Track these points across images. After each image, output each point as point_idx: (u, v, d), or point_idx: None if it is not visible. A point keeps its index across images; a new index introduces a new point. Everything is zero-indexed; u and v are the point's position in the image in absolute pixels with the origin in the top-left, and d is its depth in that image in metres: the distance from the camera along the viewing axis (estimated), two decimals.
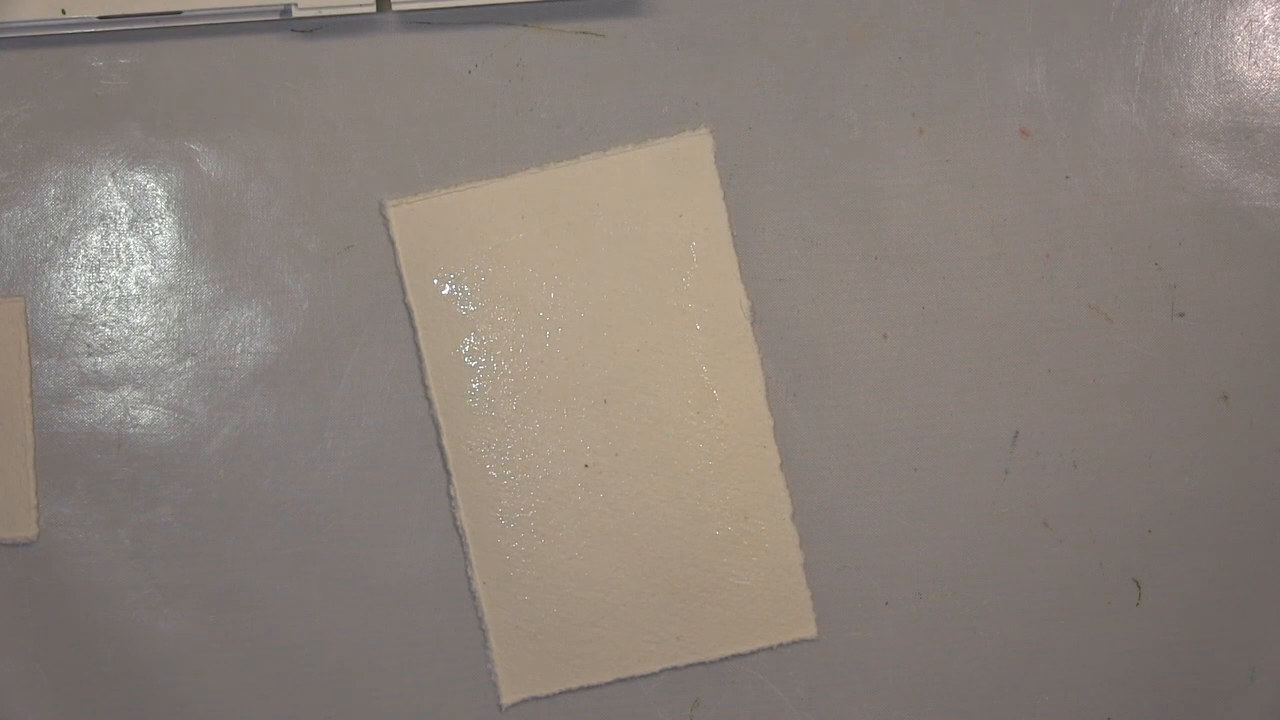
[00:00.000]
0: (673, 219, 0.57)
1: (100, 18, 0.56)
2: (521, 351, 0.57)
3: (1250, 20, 0.59)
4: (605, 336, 0.57)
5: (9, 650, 0.57)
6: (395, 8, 0.57)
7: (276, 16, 0.57)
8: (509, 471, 0.56)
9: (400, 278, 0.57)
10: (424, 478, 0.57)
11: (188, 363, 0.57)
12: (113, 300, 0.57)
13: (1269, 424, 0.58)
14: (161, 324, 0.57)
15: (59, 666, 0.57)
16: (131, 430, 0.57)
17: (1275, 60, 0.59)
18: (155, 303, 0.57)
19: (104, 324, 0.57)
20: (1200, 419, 0.57)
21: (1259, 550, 0.58)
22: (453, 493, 0.57)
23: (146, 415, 0.57)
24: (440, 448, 0.57)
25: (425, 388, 0.57)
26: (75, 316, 0.57)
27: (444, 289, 0.57)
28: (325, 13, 0.56)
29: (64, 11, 0.55)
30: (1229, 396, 0.58)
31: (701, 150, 0.57)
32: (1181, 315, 0.58)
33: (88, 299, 0.57)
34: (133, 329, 0.57)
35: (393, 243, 0.57)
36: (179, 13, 0.56)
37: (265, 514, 0.57)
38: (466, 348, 0.57)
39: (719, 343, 0.57)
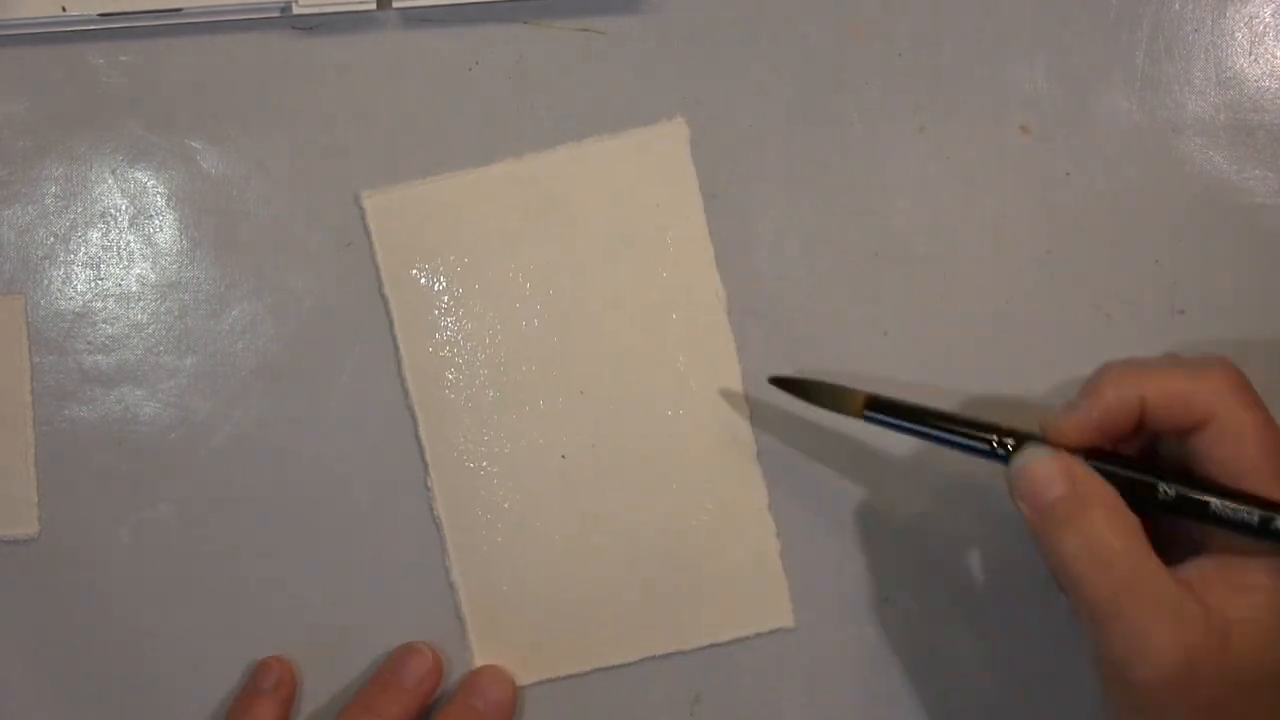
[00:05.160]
0: (649, 208, 0.57)
1: (101, 15, 0.56)
2: (498, 342, 0.57)
3: (1250, 17, 0.59)
4: (581, 327, 0.57)
5: (9, 648, 0.57)
6: (395, 5, 0.57)
7: (277, 14, 0.57)
8: (486, 463, 0.57)
9: (376, 269, 0.57)
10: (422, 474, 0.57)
11: (189, 360, 0.57)
12: (113, 297, 0.57)
13: None
14: (162, 321, 0.57)
15: (59, 664, 0.57)
16: (132, 427, 0.57)
17: (1276, 57, 0.59)
18: (156, 300, 0.57)
19: (105, 321, 0.57)
20: None
21: None
22: (430, 485, 0.57)
23: (147, 412, 0.57)
24: (417, 439, 0.57)
25: (402, 379, 0.57)
26: (76, 314, 0.57)
27: (421, 280, 0.57)
28: (325, 10, 0.56)
29: (64, 9, 0.55)
30: None
31: (677, 139, 0.57)
32: (1181, 313, 0.58)
33: (88, 296, 0.57)
34: (133, 326, 0.57)
35: (368, 234, 0.57)
36: (179, 10, 0.56)
37: (267, 511, 0.57)
38: (444, 339, 0.57)
39: (695, 333, 0.57)
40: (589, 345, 0.57)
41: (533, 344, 0.57)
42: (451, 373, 0.57)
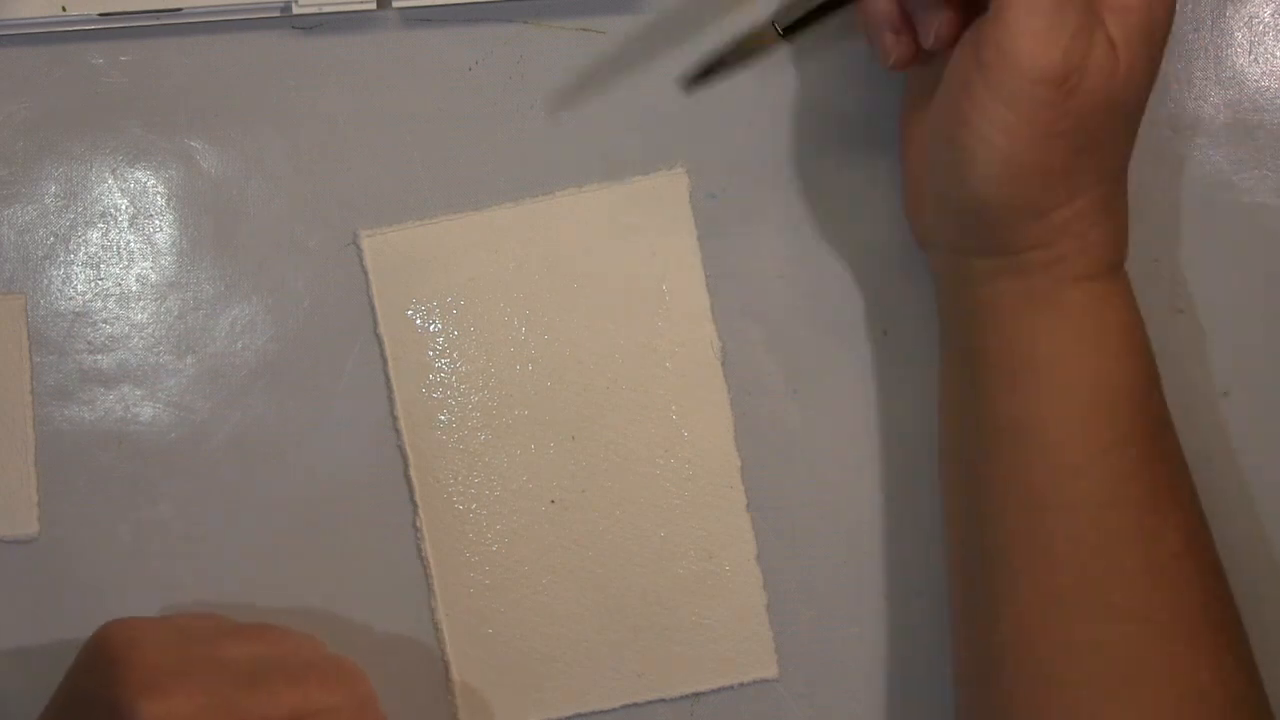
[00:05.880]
0: (646, 258, 0.57)
1: (101, 15, 0.56)
2: (491, 386, 0.57)
3: (1250, 17, 0.59)
4: (575, 373, 0.57)
5: (9, 648, 0.57)
6: (395, 5, 0.57)
7: (277, 14, 0.57)
8: (475, 505, 0.56)
9: (372, 308, 0.57)
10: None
11: (188, 360, 0.57)
12: (113, 297, 0.57)
13: (1270, 421, 0.58)
14: (162, 321, 0.57)
15: (60, 664, 0.57)
16: (132, 427, 0.57)
17: (1275, 57, 0.59)
18: (156, 300, 0.57)
19: (104, 321, 0.57)
20: (1200, 416, 0.57)
21: (1259, 547, 0.58)
22: (419, 524, 0.56)
23: (147, 412, 0.57)
24: (408, 479, 0.56)
25: (394, 419, 0.56)
26: (76, 313, 0.57)
27: (416, 320, 0.57)
28: (325, 10, 0.56)
29: (64, 9, 0.55)
30: (1229, 393, 0.58)
31: (677, 190, 0.57)
32: (1181, 312, 0.58)
33: (88, 296, 0.57)
34: (133, 326, 0.57)
35: (365, 273, 0.57)
36: (179, 10, 0.56)
37: (267, 512, 0.57)
38: (437, 380, 0.57)
39: (689, 383, 0.57)
40: (582, 391, 0.57)
41: (525, 388, 0.57)
42: (444, 414, 0.57)
